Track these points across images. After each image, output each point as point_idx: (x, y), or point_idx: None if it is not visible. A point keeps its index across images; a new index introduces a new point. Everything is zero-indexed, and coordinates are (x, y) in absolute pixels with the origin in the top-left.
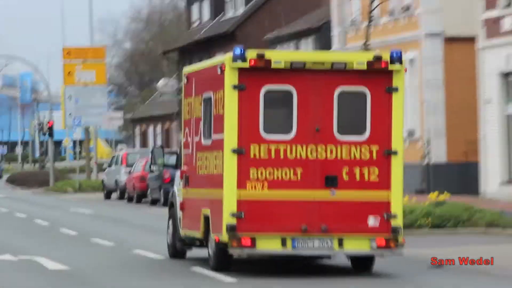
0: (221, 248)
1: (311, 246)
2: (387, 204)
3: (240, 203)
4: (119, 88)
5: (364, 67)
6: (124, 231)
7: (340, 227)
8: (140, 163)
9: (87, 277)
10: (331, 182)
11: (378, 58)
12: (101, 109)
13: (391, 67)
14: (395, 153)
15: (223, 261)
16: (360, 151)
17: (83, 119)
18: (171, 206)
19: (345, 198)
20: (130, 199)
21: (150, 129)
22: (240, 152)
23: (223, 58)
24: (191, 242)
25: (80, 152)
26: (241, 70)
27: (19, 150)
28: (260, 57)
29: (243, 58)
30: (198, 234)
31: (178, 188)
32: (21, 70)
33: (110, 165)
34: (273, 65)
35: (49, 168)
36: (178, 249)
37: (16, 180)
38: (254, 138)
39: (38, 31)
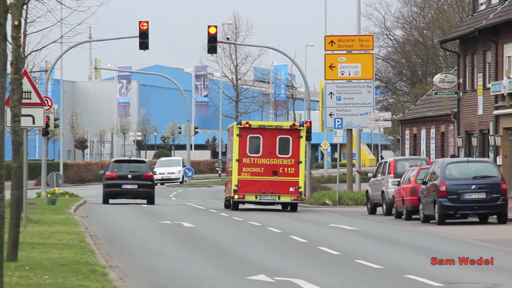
0: (233, 199)
1: (267, 199)
2: (297, 182)
3: (238, 181)
4: (387, 84)
5: (288, 127)
6: (393, 252)
7: (278, 191)
8: (411, 173)
9: None
10: (275, 173)
11: (294, 124)
12: (367, 109)
13: (299, 127)
14: (301, 162)
15: (234, 206)
16: (287, 161)
17: (345, 120)
18: (225, 186)
19: (280, 180)
20: (398, 215)
21: (423, 132)
22: (239, 160)
23: (233, 124)
24: (230, 200)
25: (338, 159)
26: (240, 128)
27: None
28: (247, 122)
29: (240, 123)
30: (227, 196)
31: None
32: (275, 62)
33: (375, 175)
34: (252, 126)
35: (305, 177)
36: (226, 205)
37: None
38: (244, 155)
39: (296, 18)
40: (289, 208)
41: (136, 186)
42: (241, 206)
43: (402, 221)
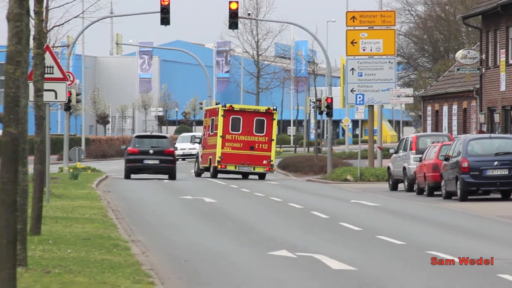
0: (215, 168)
1: (244, 169)
2: (269, 156)
3: (222, 153)
4: (408, 60)
5: (264, 111)
6: (415, 228)
7: (254, 163)
8: (433, 149)
9: (377, 279)
10: (252, 148)
11: (269, 108)
12: (388, 85)
13: (273, 111)
14: (273, 140)
15: (214, 174)
16: (262, 138)
17: (367, 96)
18: (197, 158)
19: (256, 154)
20: (420, 192)
21: (445, 108)
22: (223, 137)
23: (219, 106)
24: (204, 170)
25: (360, 135)
26: (224, 110)
27: (291, 131)
28: (230, 105)
29: (225, 106)
30: (206, 165)
31: (199, 150)
32: (296, 38)
33: (396, 151)
34: (235, 109)
35: (326, 153)
36: (198, 173)
37: (289, 166)
38: (227, 132)
39: None
40: (258, 177)
41: (157, 162)
42: (219, 175)
43: (424, 197)
